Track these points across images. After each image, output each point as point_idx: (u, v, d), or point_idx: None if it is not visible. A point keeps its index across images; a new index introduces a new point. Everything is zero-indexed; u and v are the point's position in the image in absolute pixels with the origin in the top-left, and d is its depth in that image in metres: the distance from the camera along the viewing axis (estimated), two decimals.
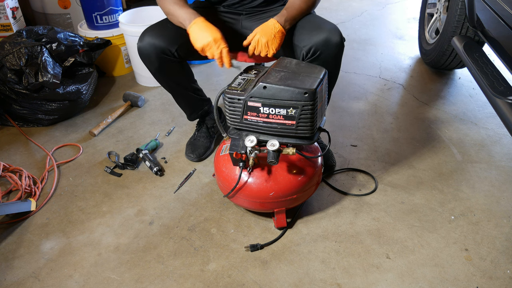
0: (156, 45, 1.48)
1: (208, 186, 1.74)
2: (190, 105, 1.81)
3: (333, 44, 1.40)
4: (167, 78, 1.63)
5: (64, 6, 2.78)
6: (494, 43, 1.74)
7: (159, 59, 1.51)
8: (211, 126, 1.92)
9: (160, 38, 1.49)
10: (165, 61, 1.53)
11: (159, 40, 1.48)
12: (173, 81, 1.65)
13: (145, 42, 1.50)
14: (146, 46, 1.50)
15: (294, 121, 1.29)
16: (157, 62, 1.53)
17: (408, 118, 2.15)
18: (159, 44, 1.48)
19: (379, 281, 1.35)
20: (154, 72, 1.59)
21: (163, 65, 1.54)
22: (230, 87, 1.34)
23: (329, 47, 1.40)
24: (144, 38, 1.50)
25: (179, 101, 1.79)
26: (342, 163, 1.85)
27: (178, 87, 1.69)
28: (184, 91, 1.72)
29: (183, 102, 1.80)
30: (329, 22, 1.47)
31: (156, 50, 1.49)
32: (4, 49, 2.00)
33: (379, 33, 3.14)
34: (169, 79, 1.64)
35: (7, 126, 2.16)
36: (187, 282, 1.36)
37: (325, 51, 1.41)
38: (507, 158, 1.87)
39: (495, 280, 1.35)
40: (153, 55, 1.50)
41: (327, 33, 1.40)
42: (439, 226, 1.54)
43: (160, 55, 1.50)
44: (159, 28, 1.53)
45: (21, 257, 1.46)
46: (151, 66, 1.55)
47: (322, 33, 1.40)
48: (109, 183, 1.78)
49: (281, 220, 1.50)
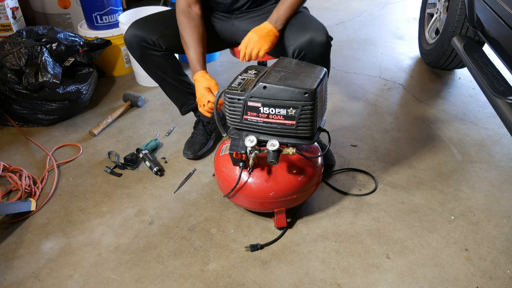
0: (137, 35, 1.60)
1: (208, 186, 1.74)
2: (178, 98, 1.85)
3: (317, 44, 1.42)
4: (151, 67, 1.70)
5: (64, 6, 2.78)
6: (494, 43, 1.74)
7: (139, 47, 1.61)
8: (207, 122, 1.92)
9: (142, 28, 1.61)
10: (146, 49, 1.62)
11: (140, 30, 1.60)
12: (159, 71, 1.71)
13: (128, 32, 1.62)
14: (129, 36, 1.61)
15: (294, 121, 1.29)
16: (138, 51, 1.62)
17: (408, 118, 2.15)
18: (140, 34, 1.60)
19: (379, 281, 1.35)
20: (137, 60, 1.67)
21: (145, 54, 1.63)
22: (230, 87, 1.34)
23: (314, 47, 1.43)
24: (129, 29, 1.62)
25: (168, 92, 1.84)
26: (342, 163, 1.85)
27: (164, 78, 1.74)
28: (171, 83, 1.76)
29: (171, 94, 1.84)
30: (316, 22, 1.49)
31: (136, 38, 1.60)
32: (4, 49, 2.00)
33: (379, 33, 3.14)
34: (154, 68, 1.70)
35: (7, 126, 2.16)
36: (187, 282, 1.36)
37: (310, 51, 1.43)
38: (507, 158, 1.87)
39: (495, 280, 1.35)
40: (135, 43, 1.61)
41: (312, 33, 1.42)
42: (439, 226, 1.54)
43: (140, 43, 1.60)
44: (143, 21, 1.65)
45: (21, 257, 1.46)
46: (133, 54, 1.65)
47: (307, 34, 1.42)
48: (109, 183, 1.78)
49: (281, 220, 1.50)
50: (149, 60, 1.66)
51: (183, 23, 1.55)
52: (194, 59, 1.53)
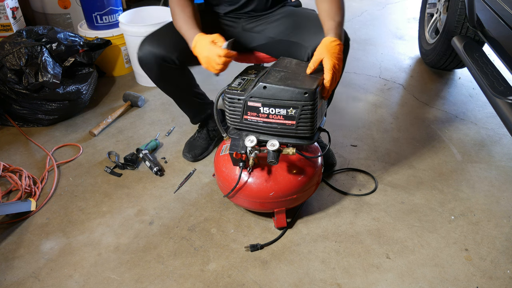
0: (156, 54, 1.46)
1: (208, 186, 1.74)
2: (192, 110, 1.81)
3: None
4: (168, 85, 1.62)
5: (64, 6, 2.78)
6: (494, 43, 1.74)
7: (159, 67, 1.49)
8: (212, 129, 1.92)
9: (160, 46, 1.46)
10: (166, 68, 1.51)
11: (159, 48, 1.46)
12: (175, 87, 1.64)
13: (145, 51, 1.47)
14: (146, 55, 1.47)
15: (294, 121, 1.29)
16: (158, 70, 1.51)
17: (408, 118, 2.15)
18: (159, 53, 1.46)
19: (379, 281, 1.35)
20: (155, 79, 1.57)
21: (164, 72, 1.52)
22: (230, 87, 1.34)
23: None
24: (144, 47, 1.48)
25: (182, 106, 1.78)
26: (342, 163, 1.85)
27: (180, 93, 1.68)
28: (185, 96, 1.71)
29: (185, 106, 1.79)
30: None
31: (156, 58, 1.47)
32: (4, 49, 2.00)
33: (379, 33, 3.14)
34: (171, 85, 1.62)
35: (7, 126, 2.16)
36: (187, 282, 1.36)
37: None
38: (507, 158, 1.87)
39: (495, 280, 1.35)
40: (154, 64, 1.48)
41: None
42: (439, 226, 1.54)
43: (160, 63, 1.48)
44: (159, 36, 1.51)
45: (21, 257, 1.46)
46: (151, 74, 1.54)
47: None
48: (109, 183, 1.78)
49: (281, 220, 1.50)
50: (168, 79, 1.57)
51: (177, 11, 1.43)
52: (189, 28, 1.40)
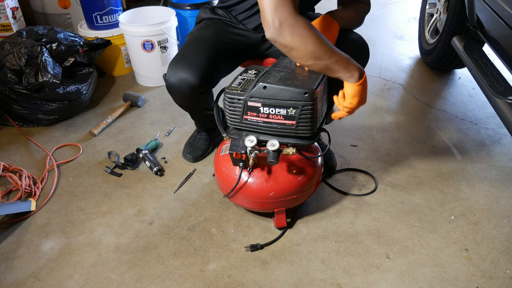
0: (189, 82, 1.41)
1: (208, 186, 1.74)
2: (206, 122, 1.82)
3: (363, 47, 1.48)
4: (195, 108, 1.63)
5: (64, 6, 2.78)
6: (494, 43, 1.74)
7: (191, 95, 1.46)
8: (212, 129, 1.93)
9: (193, 73, 1.40)
10: (196, 95, 1.48)
11: (192, 76, 1.40)
12: (197, 108, 1.64)
13: (177, 77, 1.41)
14: (179, 83, 1.42)
15: (294, 121, 1.29)
16: (188, 97, 1.48)
17: (408, 118, 2.15)
18: (193, 82, 1.41)
19: (379, 281, 1.35)
20: (182, 103, 1.55)
21: (193, 97, 1.50)
22: (230, 87, 1.34)
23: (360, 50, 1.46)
24: (177, 73, 1.41)
25: (195, 118, 1.80)
26: (342, 163, 1.85)
27: (200, 111, 1.68)
28: (204, 113, 1.70)
29: (200, 120, 1.81)
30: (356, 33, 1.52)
31: (190, 87, 1.42)
32: (4, 49, 2.00)
33: (379, 33, 3.14)
34: (197, 108, 1.64)
35: (7, 126, 2.16)
36: (187, 282, 1.36)
37: None
38: (507, 158, 1.87)
39: (495, 280, 1.35)
40: (187, 91, 1.44)
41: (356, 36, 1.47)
42: (439, 226, 1.54)
43: (193, 92, 1.45)
44: (191, 60, 1.43)
45: (21, 257, 1.46)
46: (180, 99, 1.52)
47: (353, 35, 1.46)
48: (109, 183, 1.78)
49: (281, 220, 1.50)
50: (194, 102, 1.54)
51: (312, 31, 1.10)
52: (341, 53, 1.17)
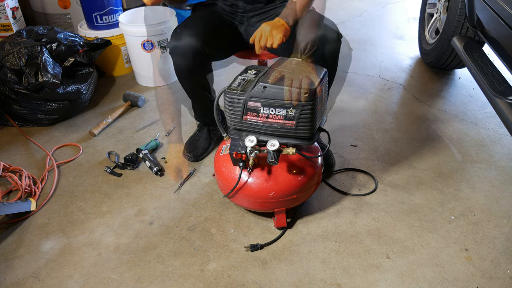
0: (194, 46, 1.49)
1: (208, 186, 1.74)
2: (204, 107, 1.81)
3: (329, 40, 1.45)
4: (193, 78, 1.64)
5: (64, 6, 2.78)
6: (494, 43, 1.74)
7: (194, 59, 1.52)
8: (212, 128, 1.92)
9: (198, 37, 1.50)
10: (198, 60, 1.54)
11: (196, 39, 1.49)
12: (197, 82, 1.66)
13: (184, 42, 1.49)
14: (185, 46, 1.49)
15: (294, 121, 1.29)
16: (192, 62, 1.53)
17: (408, 118, 2.15)
18: (196, 44, 1.49)
19: (379, 281, 1.35)
20: (186, 70, 1.58)
21: (196, 64, 1.55)
22: (230, 87, 1.34)
23: (325, 43, 1.45)
24: (182, 37, 1.50)
25: (195, 101, 1.81)
26: (342, 163, 1.85)
27: (200, 88, 1.69)
28: (202, 92, 1.72)
29: (198, 102, 1.81)
30: (328, 20, 1.52)
31: (193, 49, 1.49)
32: (4, 49, 2.00)
33: (379, 33, 3.14)
34: (194, 79, 1.64)
35: (7, 126, 2.16)
36: (187, 282, 1.36)
37: (321, 47, 1.45)
38: (507, 158, 1.87)
39: (495, 280, 1.35)
40: (191, 54, 1.50)
41: (324, 30, 1.45)
42: (439, 226, 1.54)
43: (196, 55, 1.51)
44: (194, 27, 1.54)
45: (21, 257, 1.46)
46: (185, 65, 1.55)
47: (319, 30, 1.44)
48: (109, 183, 1.78)
49: (281, 220, 1.50)
50: (196, 71, 1.59)
51: None
52: None
